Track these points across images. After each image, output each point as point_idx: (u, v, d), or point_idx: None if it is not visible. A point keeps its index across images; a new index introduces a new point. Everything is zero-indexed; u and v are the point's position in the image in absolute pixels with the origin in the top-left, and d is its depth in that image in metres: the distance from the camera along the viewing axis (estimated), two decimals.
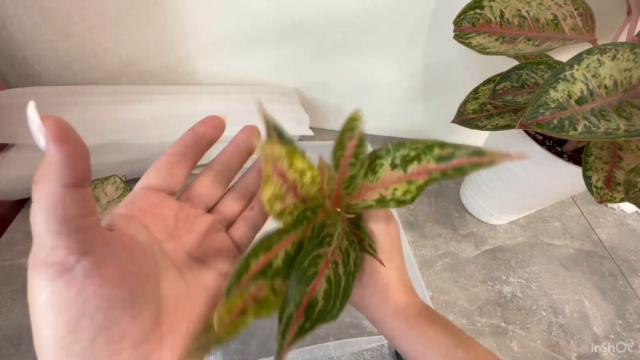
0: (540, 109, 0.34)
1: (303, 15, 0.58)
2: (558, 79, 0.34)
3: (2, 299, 0.45)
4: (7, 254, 0.49)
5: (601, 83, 0.35)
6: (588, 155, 0.42)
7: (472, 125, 0.51)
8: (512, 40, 0.44)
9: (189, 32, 0.59)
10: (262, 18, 0.58)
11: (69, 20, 0.54)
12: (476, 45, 0.44)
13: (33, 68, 0.59)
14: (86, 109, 0.54)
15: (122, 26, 0.57)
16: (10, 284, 0.46)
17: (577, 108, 0.34)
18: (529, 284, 0.58)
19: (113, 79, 0.64)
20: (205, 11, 0.57)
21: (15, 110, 0.51)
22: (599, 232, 0.69)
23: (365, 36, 0.61)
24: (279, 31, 0.60)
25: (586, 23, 0.44)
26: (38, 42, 0.56)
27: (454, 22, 0.45)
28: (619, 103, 0.36)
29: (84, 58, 0.60)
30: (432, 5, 0.56)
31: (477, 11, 0.44)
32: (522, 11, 0.44)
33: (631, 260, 0.65)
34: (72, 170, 0.11)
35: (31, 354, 0.41)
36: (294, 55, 0.64)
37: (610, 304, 0.57)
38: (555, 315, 0.55)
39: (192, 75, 0.66)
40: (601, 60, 0.35)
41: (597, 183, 0.42)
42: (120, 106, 0.55)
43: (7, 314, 0.44)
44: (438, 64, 0.65)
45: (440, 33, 0.59)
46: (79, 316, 0.12)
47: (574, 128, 0.33)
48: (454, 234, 0.63)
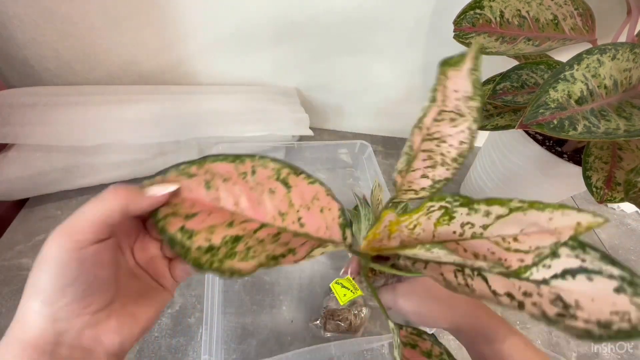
0: (540, 109, 0.34)
1: (303, 16, 0.58)
2: (558, 79, 0.34)
3: (2, 299, 0.45)
4: (7, 254, 0.49)
5: (601, 83, 0.35)
6: (588, 155, 0.42)
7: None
8: (512, 40, 0.44)
9: (189, 32, 0.59)
10: (262, 18, 0.58)
11: (69, 20, 0.54)
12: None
13: (33, 68, 0.59)
14: (86, 109, 0.54)
15: (123, 26, 0.57)
16: (10, 284, 0.46)
17: (577, 108, 0.34)
18: None
19: (113, 79, 0.64)
20: (205, 11, 0.57)
21: (15, 110, 0.51)
22: (599, 232, 0.69)
23: (365, 36, 0.61)
24: (279, 31, 0.60)
25: (586, 23, 0.44)
26: (38, 42, 0.56)
27: (454, 22, 0.45)
28: (619, 103, 0.36)
29: (84, 58, 0.60)
30: (432, 6, 0.56)
31: (477, 11, 0.44)
32: (522, 11, 0.44)
33: (631, 260, 0.65)
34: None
35: None
36: (294, 55, 0.64)
37: None
38: None
39: (192, 75, 0.66)
40: (601, 60, 0.35)
41: (597, 183, 0.42)
42: (120, 106, 0.55)
43: (7, 314, 0.44)
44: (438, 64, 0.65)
45: (440, 33, 0.59)
46: (72, 281, 0.17)
47: (574, 128, 0.33)
48: None
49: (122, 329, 0.20)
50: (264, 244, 0.22)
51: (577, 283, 0.18)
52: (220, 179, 0.22)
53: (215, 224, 0.21)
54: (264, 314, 0.48)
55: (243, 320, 0.47)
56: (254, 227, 0.22)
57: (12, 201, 0.53)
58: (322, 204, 0.24)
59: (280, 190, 0.23)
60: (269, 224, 0.23)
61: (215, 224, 0.21)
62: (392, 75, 0.67)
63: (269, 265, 0.21)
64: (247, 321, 0.47)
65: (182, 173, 0.22)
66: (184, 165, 0.22)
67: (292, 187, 0.23)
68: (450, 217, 0.21)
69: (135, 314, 0.21)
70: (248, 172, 0.23)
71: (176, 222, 0.21)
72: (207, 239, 0.21)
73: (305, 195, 0.23)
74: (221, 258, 0.20)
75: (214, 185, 0.22)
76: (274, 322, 0.47)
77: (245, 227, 0.22)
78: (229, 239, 0.21)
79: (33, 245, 0.50)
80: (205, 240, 0.20)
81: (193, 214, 0.21)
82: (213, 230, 0.21)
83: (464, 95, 0.23)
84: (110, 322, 0.19)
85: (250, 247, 0.21)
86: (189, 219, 0.21)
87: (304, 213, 0.23)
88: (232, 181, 0.22)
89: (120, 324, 0.20)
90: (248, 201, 0.23)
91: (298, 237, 0.23)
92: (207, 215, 0.21)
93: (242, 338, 0.46)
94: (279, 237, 0.22)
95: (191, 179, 0.22)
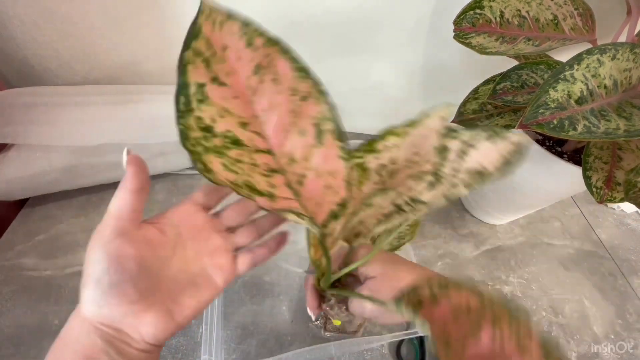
0: (540, 109, 0.34)
1: (303, 16, 0.58)
2: (558, 79, 0.34)
3: (2, 299, 0.45)
4: (7, 254, 0.49)
5: (601, 83, 0.35)
6: (588, 155, 0.42)
7: (472, 125, 0.50)
8: (512, 40, 0.44)
9: None
10: (262, 18, 0.58)
11: (69, 20, 0.54)
12: (476, 45, 0.44)
13: (33, 68, 0.59)
14: (86, 109, 0.54)
15: (123, 26, 0.57)
16: (10, 284, 0.46)
17: (577, 108, 0.34)
18: (529, 284, 0.58)
19: (113, 79, 0.64)
20: None
21: (15, 110, 0.51)
22: (599, 232, 0.69)
23: (365, 36, 0.61)
24: (278, 31, 0.60)
25: (586, 23, 0.44)
26: (38, 42, 0.56)
27: (454, 22, 0.45)
28: (619, 103, 0.36)
29: (84, 58, 0.60)
30: (432, 6, 0.56)
31: (477, 11, 0.44)
32: (522, 11, 0.44)
33: (631, 260, 0.65)
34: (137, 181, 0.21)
35: (31, 354, 0.41)
36: None
37: (610, 304, 0.57)
38: (555, 315, 0.55)
39: None
40: (601, 60, 0.35)
41: (597, 183, 0.42)
42: (120, 106, 0.55)
43: (7, 314, 0.44)
44: (438, 64, 0.65)
45: (440, 33, 0.59)
46: (117, 264, 0.19)
47: (574, 128, 0.33)
48: (453, 234, 0.63)
49: (157, 322, 0.21)
50: (254, 170, 0.19)
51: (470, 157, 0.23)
52: (271, 75, 0.19)
53: (232, 111, 0.18)
54: (264, 314, 0.48)
55: (243, 320, 0.47)
56: (261, 146, 0.19)
57: (12, 201, 0.53)
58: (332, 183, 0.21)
59: (310, 137, 0.20)
60: (275, 156, 0.20)
61: (231, 110, 0.18)
62: (392, 75, 0.67)
63: (241, 191, 0.18)
64: (247, 321, 0.47)
65: (244, 33, 0.18)
66: (250, 25, 0.19)
67: (322, 146, 0.20)
68: (363, 169, 0.24)
69: (172, 310, 0.21)
70: (301, 93, 0.19)
71: (202, 74, 0.17)
72: (212, 118, 0.18)
73: (326, 162, 0.21)
74: (208, 146, 0.18)
75: (262, 74, 0.19)
76: (274, 322, 0.47)
77: (254, 139, 0.19)
78: (231, 136, 0.18)
79: (33, 245, 0.50)
80: (210, 119, 0.17)
81: (222, 83, 0.18)
82: (224, 114, 0.18)
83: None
84: (147, 314, 0.20)
85: (240, 161, 0.18)
86: (215, 82, 0.17)
87: (311, 174, 0.21)
88: (282, 87, 0.19)
89: (156, 318, 0.21)
90: (278, 119, 0.19)
91: (287, 191, 0.21)
92: (231, 94, 0.18)
93: (242, 338, 0.46)
94: (271, 176, 0.20)
95: (248, 48, 0.18)
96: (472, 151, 0.22)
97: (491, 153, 0.22)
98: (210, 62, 0.17)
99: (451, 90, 0.65)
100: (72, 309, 0.20)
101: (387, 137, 0.24)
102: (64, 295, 0.46)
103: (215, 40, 0.17)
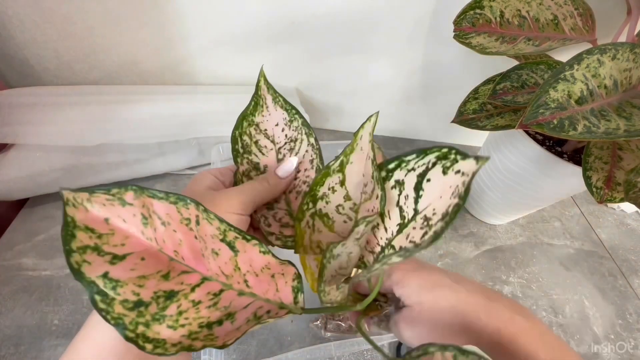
0: (540, 109, 0.34)
1: (303, 16, 0.58)
2: (558, 79, 0.34)
3: (2, 299, 0.45)
4: (7, 254, 0.49)
5: (601, 83, 0.35)
6: (588, 155, 0.42)
7: (472, 125, 0.51)
8: (512, 40, 0.44)
9: (189, 32, 0.59)
10: (261, 18, 0.58)
11: (69, 20, 0.54)
12: (476, 45, 0.44)
13: (33, 68, 0.59)
14: (86, 109, 0.54)
15: (122, 26, 0.57)
16: (10, 284, 0.46)
17: (577, 108, 0.34)
18: (529, 284, 0.58)
19: (113, 78, 0.64)
20: (205, 11, 0.57)
21: (15, 110, 0.51)
22: (599, 232, 0.69)
23: (365, 36, 0.61)
24: (278, 31, 0.60)
25: (586, 23, 0.44)
26: (38, 42, 0.56)
27: (454, 22, 0.45)
28: (619, 103, 0.36)
29: (83, 58, 0.60)
30: (432, 6, 0.56)
31: (477, 11, 0.44)
32: (522, 11, 0.44)
33: (631, 260, 0.65)
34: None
35: (31, 354, 0.41)
36: (294, 55, 0.64)
37: (610, 304, 0.57)
38: (555, 315, 0.55)
39: (191, 75, 0.66)
40: (601, 60, 0.35)
41: (597, 183, 0.42)
42: (120, 106, 0.55)
43: (7, 314, 0.44)
44: (438, 64, 0.65)
45: (440, 33, 0.59)
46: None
47: (574, 128, 0.33)
48: (453, 234, 0.63)
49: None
50: (199, 308, 0.19)
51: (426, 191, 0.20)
52: (158, 221, 0.19)
53: (147, 273, 0.18)
54: None
55: None
56: (194, 281, 0.19)
57: (12, 201, 0.53)
58: (274, 271, 0.22)
59: (224, 252, 0.20)
60: (211, 279, 0.20)
61: (147, 274, 0.18)
62: (392, 75, 0.67)
63: (198, 336, 0.18)
64: None
65: (114, 198, 0.17)
66: (117, 190, 0.17)
67: (239, 252, 0.21)
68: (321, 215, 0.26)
69: None
70: (192, 219, 0.19)
71: (99, 264, 0.16)
72: (135, 292, 0.17)
73: (254, 262, 0.21)
74: (148, 320, 0.17)
75: (150, 223, 0.18)
76: (274, 322, 0.47)
77: (183, 280, 0.19)
78: (161, 294, 0.18)
79: (33, 245, 0.50)
80: (133, 294, 0.17)
81: (122, 256, 0.17)
82: (143, 281, 0.17)
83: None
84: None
85: (182, 312, 0.18)
86: (117, 262, 0.17)
87: (251, 277, 0.21)
88: (174, 224, 0.19)
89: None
90: (190, 250, 0.19)
91: (243, 297, 0.21)
92: (139, 258, 0.18)
93: (242, 338, 0.46)
94: (220, 298, 0.20)
95: (125, 207, 0.18)
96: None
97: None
98: (100, 247, 0.16)
99: (451, 90, 0.65)
100: (72, 309, 0.20)
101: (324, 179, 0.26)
102: (64, 295, 0.46)
103: (93, 220, 0.17)
